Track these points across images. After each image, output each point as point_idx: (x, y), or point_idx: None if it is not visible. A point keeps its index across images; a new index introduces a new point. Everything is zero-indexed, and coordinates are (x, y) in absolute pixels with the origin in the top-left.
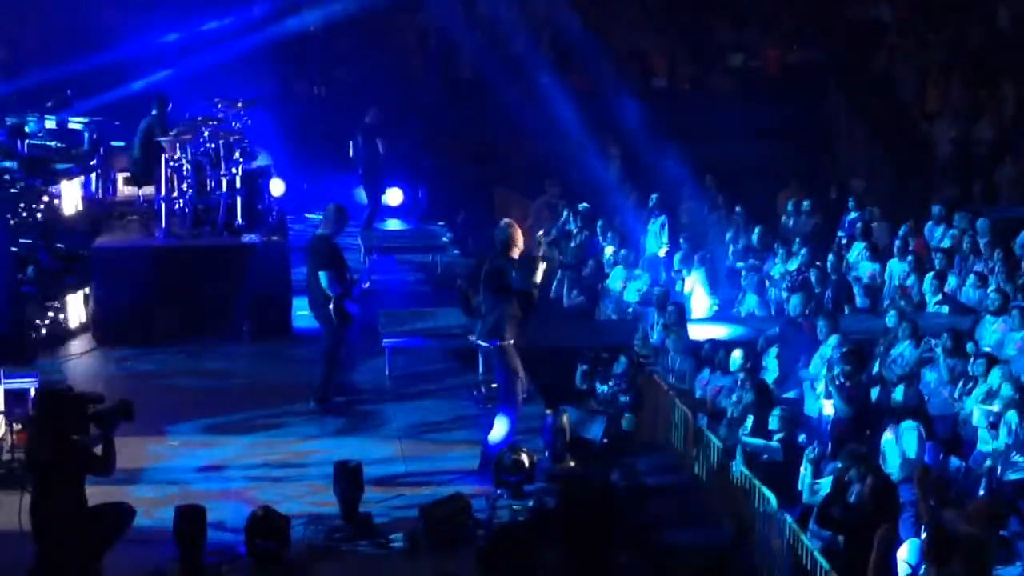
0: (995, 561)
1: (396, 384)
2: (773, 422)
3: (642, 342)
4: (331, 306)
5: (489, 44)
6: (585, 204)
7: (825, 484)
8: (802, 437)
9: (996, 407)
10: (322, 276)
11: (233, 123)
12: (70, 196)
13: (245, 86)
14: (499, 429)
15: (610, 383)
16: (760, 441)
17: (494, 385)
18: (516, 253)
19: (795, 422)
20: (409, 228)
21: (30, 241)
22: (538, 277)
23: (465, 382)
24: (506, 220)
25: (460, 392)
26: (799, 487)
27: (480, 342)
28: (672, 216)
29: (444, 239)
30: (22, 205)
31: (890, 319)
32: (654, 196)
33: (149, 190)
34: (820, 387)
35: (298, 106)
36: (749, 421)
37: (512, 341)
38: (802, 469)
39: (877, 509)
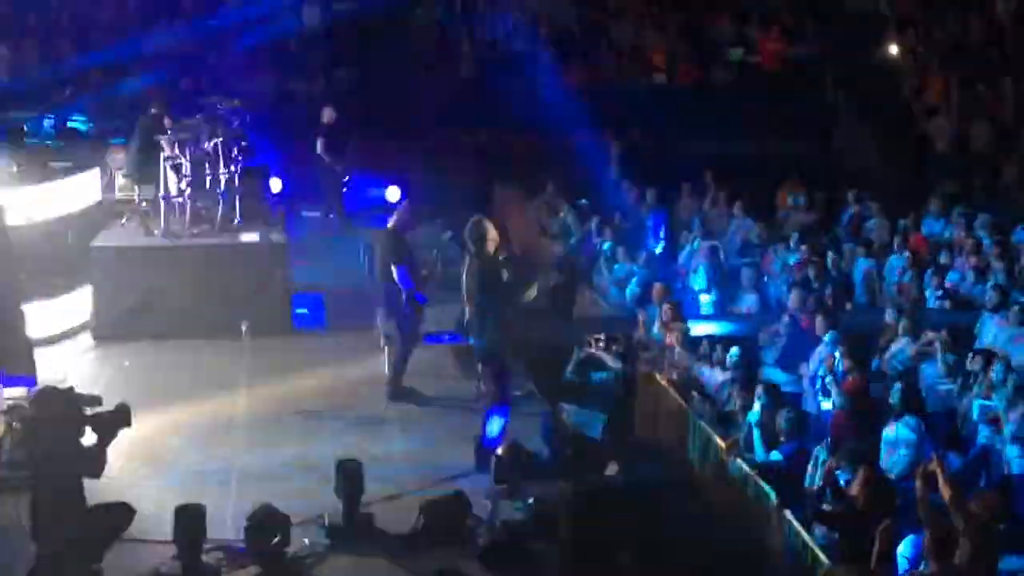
0: (1000, 553)
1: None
2: (782, 423)
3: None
4: (404, 299)
5: (489, 41)
6: (583, 200)
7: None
8: None
9: (996, 402)
10: (395, 271)
11: (232, 121)
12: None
13: (244, 84)
14: (492, 427)
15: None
16: (764, 457)
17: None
18: (491, 247)
19: (803, 426)
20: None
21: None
22: (532, 293)
23: (465, 379)
24: (474, 217)
25: (460, 390)
26: (807, 483)
27: (471, 340)
28: (670, 213)
29: (444, 237)
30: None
31: (889, 315)
32: (651, 192)
33: (148, 189)
34: (819, 383)
35: (297, 105)
36: (755, 416)
37: (501, 338)
38: (810, 467)
39: (870, 504)
